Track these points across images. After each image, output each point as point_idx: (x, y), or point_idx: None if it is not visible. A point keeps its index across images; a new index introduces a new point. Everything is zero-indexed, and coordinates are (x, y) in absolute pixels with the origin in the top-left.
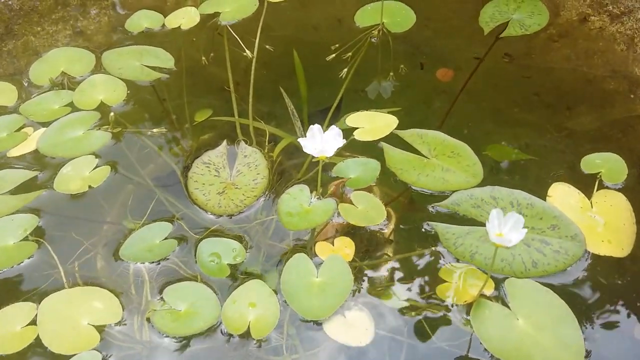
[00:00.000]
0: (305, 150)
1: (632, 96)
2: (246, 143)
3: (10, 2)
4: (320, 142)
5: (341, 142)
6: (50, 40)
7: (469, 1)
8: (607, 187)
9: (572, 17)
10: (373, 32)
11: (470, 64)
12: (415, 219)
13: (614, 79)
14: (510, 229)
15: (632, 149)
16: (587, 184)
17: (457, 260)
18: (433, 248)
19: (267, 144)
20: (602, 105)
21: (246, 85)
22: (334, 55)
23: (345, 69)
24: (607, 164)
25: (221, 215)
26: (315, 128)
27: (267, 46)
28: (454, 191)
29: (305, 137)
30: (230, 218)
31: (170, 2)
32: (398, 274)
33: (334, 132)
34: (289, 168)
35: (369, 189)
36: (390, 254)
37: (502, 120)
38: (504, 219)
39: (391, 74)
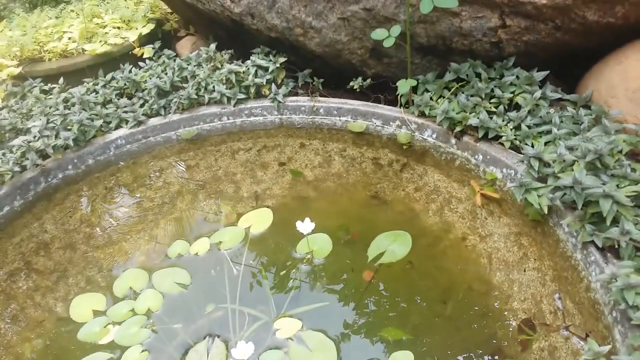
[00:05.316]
0: None
1: (488, 296)
2: None
3: None
4: None
5: None
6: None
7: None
8: None
9: (458, 235)
10: (306, 259)
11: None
12: None
13: (480, 283)
14: None
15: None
16: None
17: None
18: None
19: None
20: (465, 299)
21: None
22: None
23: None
24: None
25: None
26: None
27: (252, 261)
28: None
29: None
30: None
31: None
32: None
33: None
34: None
35: None
36: None
37: (399, 311)
38: None
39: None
